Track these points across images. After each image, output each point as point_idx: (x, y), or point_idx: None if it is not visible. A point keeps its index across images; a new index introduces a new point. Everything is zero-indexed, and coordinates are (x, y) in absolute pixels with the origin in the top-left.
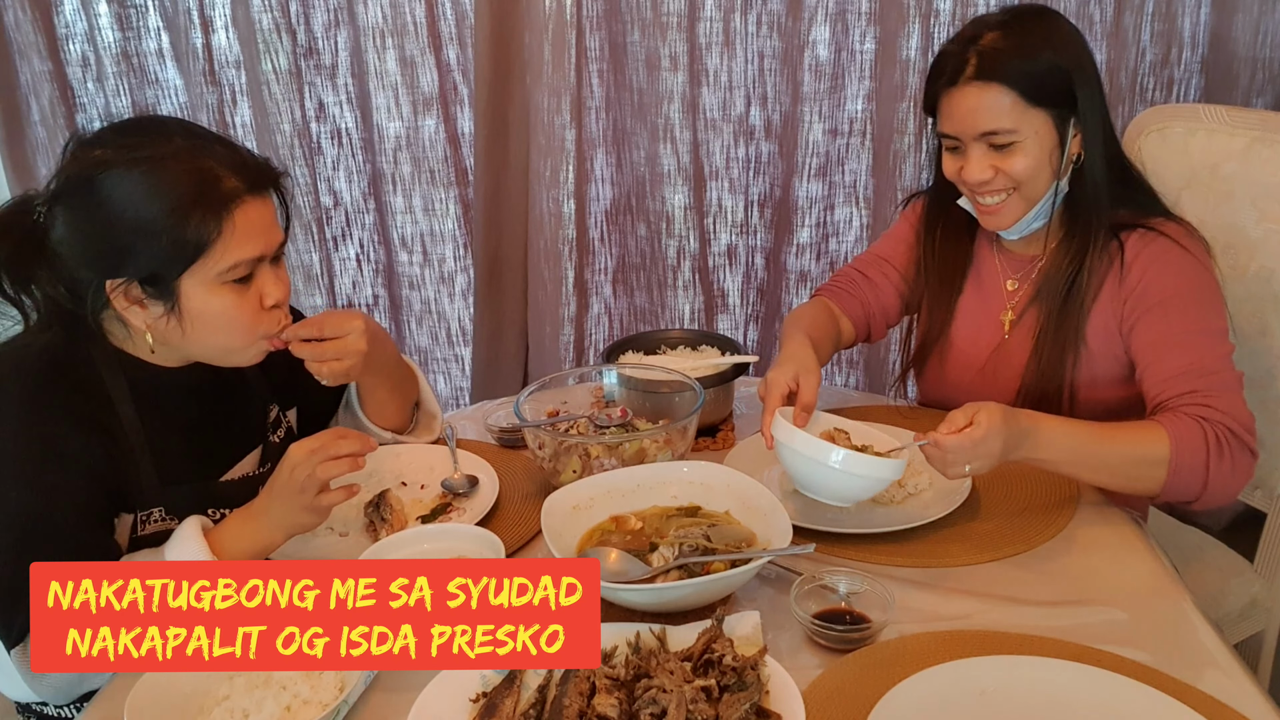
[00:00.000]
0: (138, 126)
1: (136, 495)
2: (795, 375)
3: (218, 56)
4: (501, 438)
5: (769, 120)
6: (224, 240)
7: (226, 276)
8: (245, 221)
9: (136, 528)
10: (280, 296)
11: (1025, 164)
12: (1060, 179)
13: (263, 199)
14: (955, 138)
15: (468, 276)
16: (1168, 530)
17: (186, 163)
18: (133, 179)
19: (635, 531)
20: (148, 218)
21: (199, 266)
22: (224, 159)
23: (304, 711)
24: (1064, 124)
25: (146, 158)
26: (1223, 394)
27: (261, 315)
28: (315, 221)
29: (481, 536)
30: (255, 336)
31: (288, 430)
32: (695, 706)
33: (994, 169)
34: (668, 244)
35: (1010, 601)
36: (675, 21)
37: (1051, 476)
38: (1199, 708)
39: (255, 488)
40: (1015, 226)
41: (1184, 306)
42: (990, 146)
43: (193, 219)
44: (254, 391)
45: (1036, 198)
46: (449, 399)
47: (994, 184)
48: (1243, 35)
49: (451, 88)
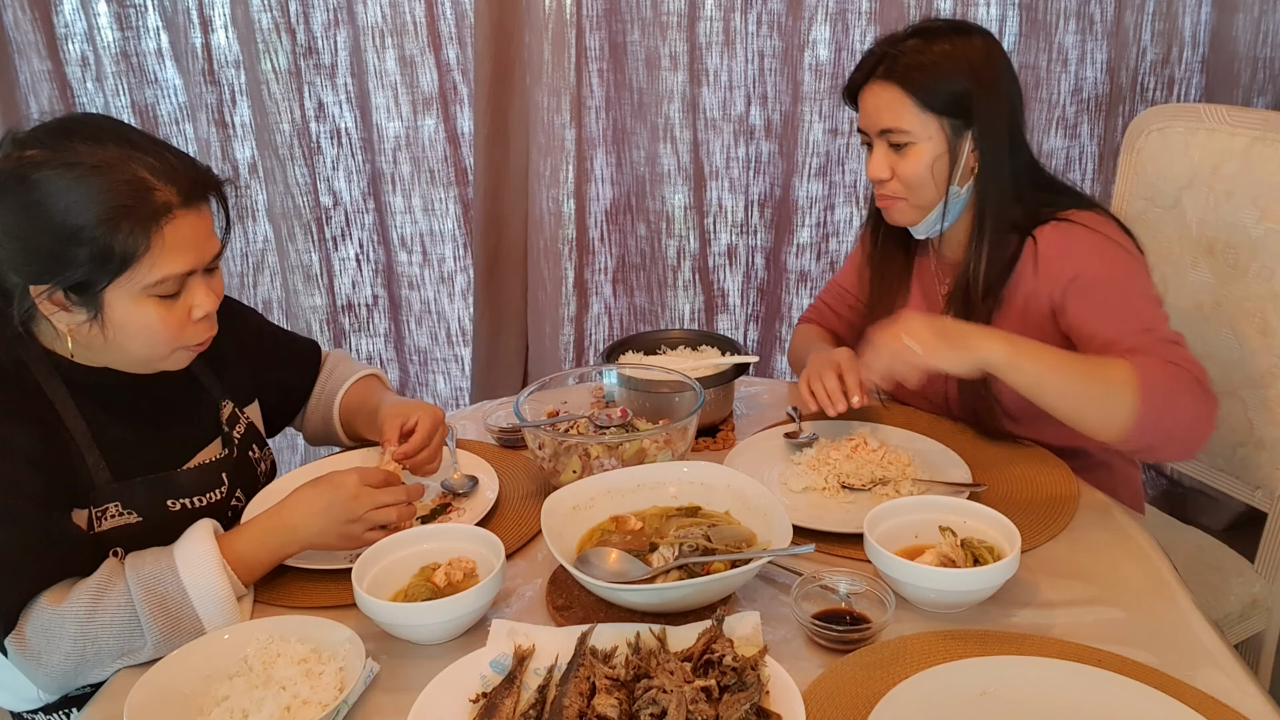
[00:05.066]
0: (72, 128)
1: (88, 491)
2: (835, 364)
3: (217, 56)
4: (501, 438)
5: (769, 120)
6: (152, 254)
7: (153, 290)
8: (176, 236)
9: (92, 524)
10: (210, 308)
11: (916, 167)
12: (957, 186)
13: (197, 211)
14: (866, 133)
15: (467, 276)
16: (1168, 530)
17: (119, 172)
18: (64, 184)
19: (635, 531)
20: (76, 225)
21: (125, 279)
22: (159, 168)
23: (304, 711)
24: (958, 135)
25: (79, 163)
26: (1169, 346)
27: (187, 327)
28: (315, 221)
29: (481, 537)
30: (176, 347)
31: (249, 426)
32: (695, 706)
33: (890, 170)
34: (668, 244)
35: (1010, 601)
36: (675, 21)
37: (1051, 475)
38: (1199, 707)
39: (217, 474)
40: (919, 227)
41: (1110, 280)
42: (890, 145)
43: (120, 231)
44: (203, 387)
45: (926, 204)
46: (449, 399)
47: (887, 186)
48: (1243, 35)
49: (451, 87)
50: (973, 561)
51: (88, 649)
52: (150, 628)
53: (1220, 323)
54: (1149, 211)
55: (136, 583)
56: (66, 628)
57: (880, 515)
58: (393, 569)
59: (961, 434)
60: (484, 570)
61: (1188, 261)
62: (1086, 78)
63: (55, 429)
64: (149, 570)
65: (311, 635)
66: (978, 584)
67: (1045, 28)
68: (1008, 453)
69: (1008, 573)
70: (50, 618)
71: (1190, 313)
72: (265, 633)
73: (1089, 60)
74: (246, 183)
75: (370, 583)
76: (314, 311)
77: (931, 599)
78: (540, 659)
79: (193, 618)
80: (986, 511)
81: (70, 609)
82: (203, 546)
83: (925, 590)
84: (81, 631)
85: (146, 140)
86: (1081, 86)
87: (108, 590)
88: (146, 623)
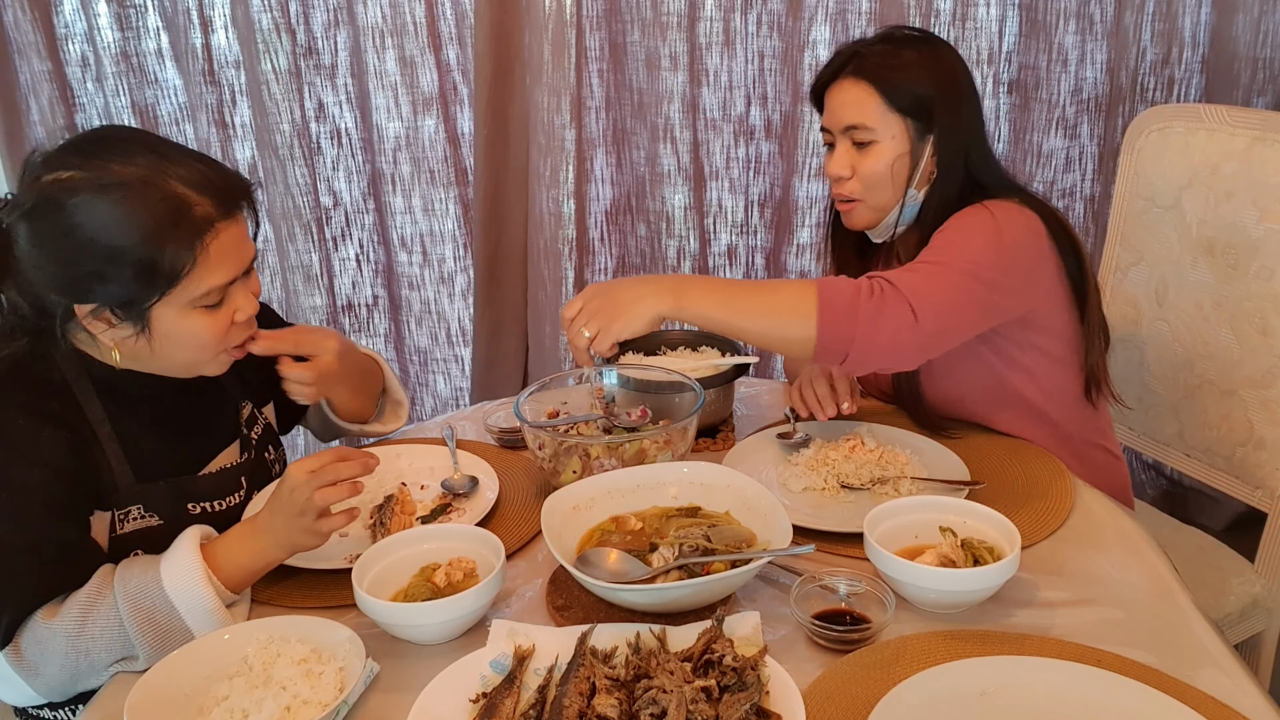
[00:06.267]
0: (100, 144)
1: (111, 493)
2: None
3: (217, 56)
4: (501, 438)
5: (769, 120)
6: (198, 270)
7: (200, 302)
8: (219, 249)
9: (114, 526)
10: (252, 310)
11: (876, 166)
12: (914, 189)
13: (235, 220)
14: (829, 131)
15: (467, 277)
16: (1168, 530)
17: (157, 189)
18: (104, 206)
19: (635, 532)
20: (120, 247)
21: (172, 295)
22: (192, 179)
23: (304, 711)
24: (921, 138)
25: (116, 184)
26: (915, 274)
27: (231, 331)
28: (315, 222)
29: (481, 537)
30: (221, 350)
31: (266, 427)
32: (695, 707)
33: (851, 168)
34: (668, 244)
35: (1010, 601)
36: (675, 21)
37: (1050, 474)
38: (1199, 707)
39: (236, 478)
40: (876, 230)
41: (947, 234)
42: (853, 143)
43: (166, 250)
44: (224, 389)
45: (882, 206)
46: (449, 399)
47: (845, 186)
48: (1243, 35)
49: (451, 88)
50: (973, 561)
51: (80, 662)
52: (140, 642)
53: (1220, 323)
54: (1149, 211)
55: (124, 597)
56: (58, 642)
57: (880, 515)
58: (393, 569)
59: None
60: (484, 570)
61: (1188, 261)
62: (1086, 78)
63: (81, 431)
64: (135, 584)
65: (311, 635)
66: (978, 584)
67: (1045, 28)
68: (1004, 451)
69: (1008, 573)
70: (43, 632)
71: (1190, 313)
72: (265, 633)
73: (1089, 60)
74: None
75: (370, 583)
76: (314, 312)
77: (931, 599)
78: (540, 659)
79: (183, 629)
80: (986, 511)
81: (60, 624)
82: (187, 558)
83: (925, 590)
84: (72, 646)
85: (175, 149)
86: (1081, 87)
87: (96, 604)
88: (135, 637)
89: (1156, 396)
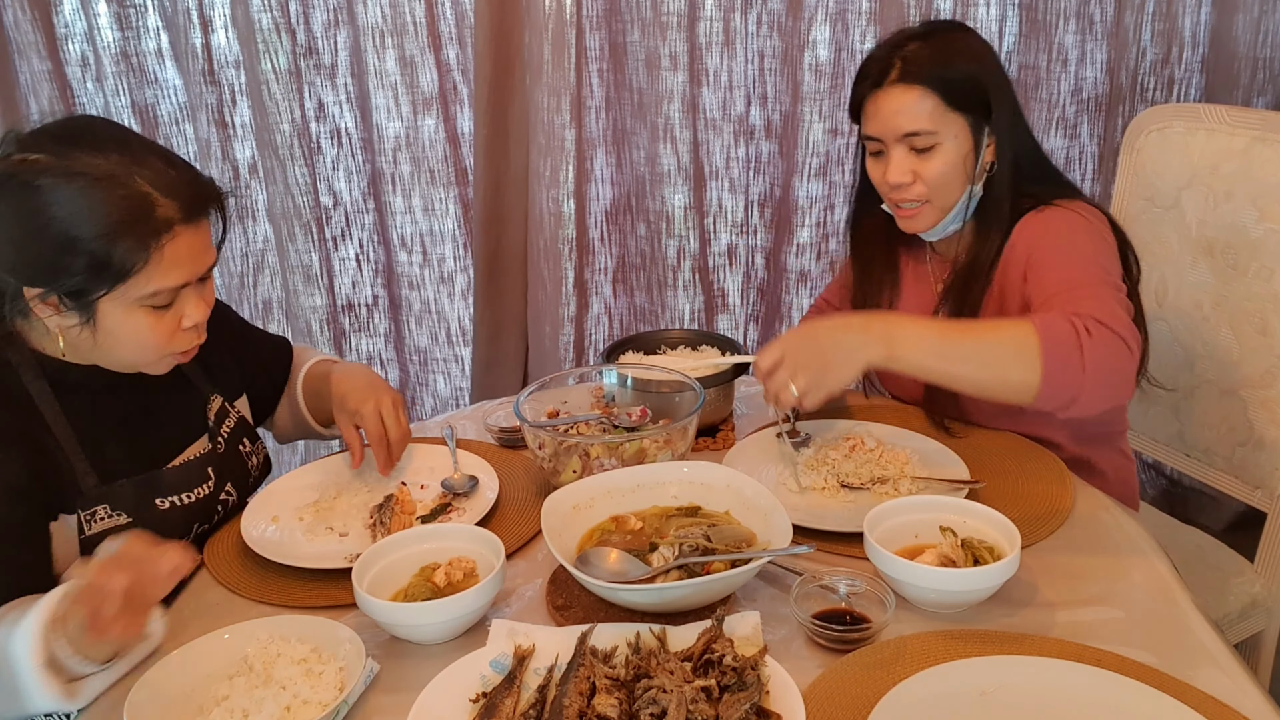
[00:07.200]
0: (75, 133)
1: (74, 496)
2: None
3: (217, 56)
4: (501, 438)
5: (769, 120)
6: (149, 269)
7: (146, 301)
8: (174, 252)
9: (82, 528)
10: (200, 317)
11: (943, 168)
12: (974, 184)
13: (197, 226)
14: (879, 140)
15: (467, 276)
16: (1168, 530)
17: (122, 185)
18: (66, 194)
19: (635, 531)
20: (75, 236)
21: (120, 290)
22: (160, 181)
23: (304, 711)
24: (979, 131)
25: (81, 173)
26: (1089, 300)
27: (176, 335)
28: (315, 221)
29: (481, 536)
30: (165, 354)
31: (239, 420)
32: (695, 706)
33: (913, 173)
34: (668, 244)
35: (1010, 601)
36: (675, 21)
37: (1049, 474)
38: (1198, 707)
39: (202, 469)
40: (935, 229)
41: (1062, 247)
42: (911, 149)
43: (119, 245)
44: (189, 383)
45: (949, 205)
46: (449, 399)
47: (911, 190)
48: (1243, 35)
49: (451, 87)
50: (973, 561)
51: None
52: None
53: (1220, 323)
54: (1148, 211)
55: None
56: None
57: (880, 515)
58: (393, 569)
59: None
60: (484, 570)
61: (1187, 261)
62: (1086, 78)
63: (39, 439)
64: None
65: (311, 635)
66: (978, 584)
67: (1045, 28)
68: (1004, 450)
69: (1008, 573)
70: None
71: (1190, 313)
72: (265, 633)
73: (1089, 60)
74: (246, 183)
75: (370, 583)
76: (314, 311)
77: (931, 599)
78: (540, 659)
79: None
80: (986, 511)
81: None
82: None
83: (925, 590)
84: None
85: (149, 149)
86: (1081, 86)
87: None
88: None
89: (1156, 396)
